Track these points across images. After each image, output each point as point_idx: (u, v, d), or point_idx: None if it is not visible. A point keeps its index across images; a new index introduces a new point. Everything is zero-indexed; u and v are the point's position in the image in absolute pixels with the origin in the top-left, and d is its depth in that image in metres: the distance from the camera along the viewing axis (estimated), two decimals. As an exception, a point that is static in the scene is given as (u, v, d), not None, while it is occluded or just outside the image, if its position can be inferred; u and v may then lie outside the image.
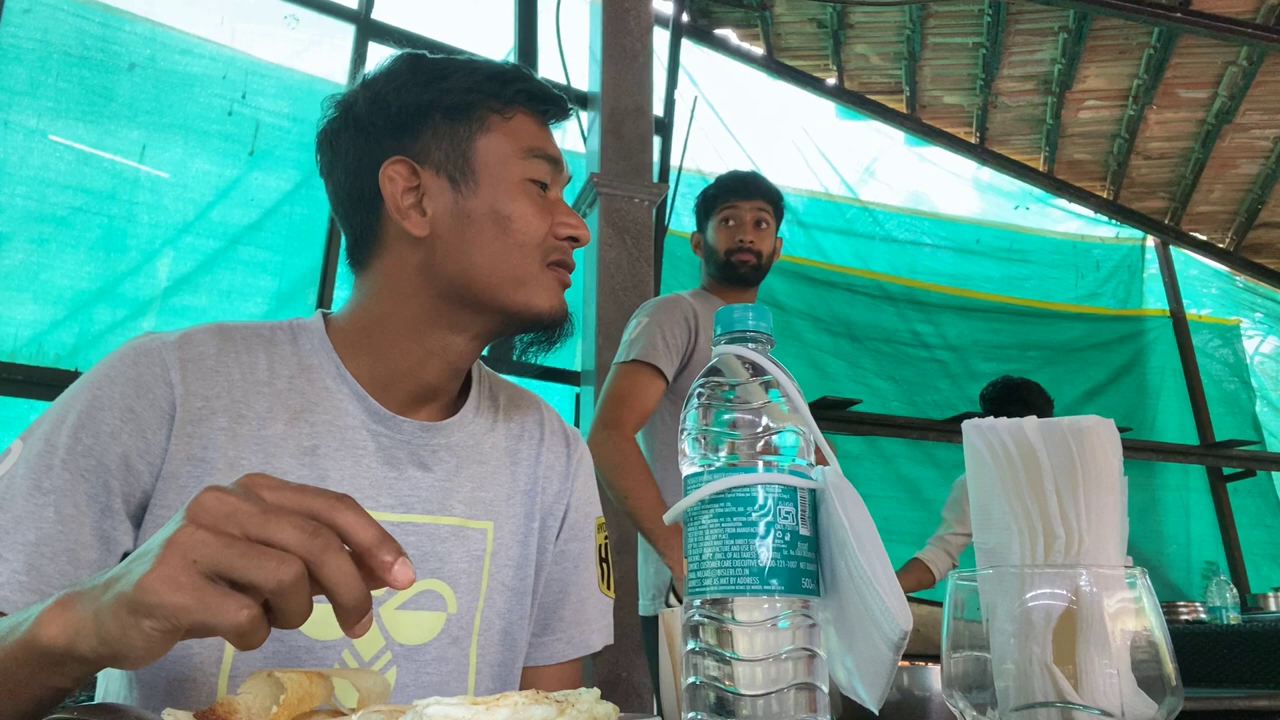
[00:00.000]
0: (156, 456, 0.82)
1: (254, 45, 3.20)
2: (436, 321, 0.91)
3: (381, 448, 0.90)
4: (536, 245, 0.90)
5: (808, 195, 4.67)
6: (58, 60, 2.82)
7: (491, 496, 0.96)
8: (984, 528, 0.59)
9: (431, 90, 0.91)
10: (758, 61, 4.88)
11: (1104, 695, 0.49)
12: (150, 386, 0.83)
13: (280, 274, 3.12)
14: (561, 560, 1.03)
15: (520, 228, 0.90)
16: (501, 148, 0.91)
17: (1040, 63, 4.82)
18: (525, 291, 0.90)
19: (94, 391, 0.82)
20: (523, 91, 0.93)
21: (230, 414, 0.85)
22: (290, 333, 0.93)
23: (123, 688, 0.84)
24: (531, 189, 0.91)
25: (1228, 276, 5.61)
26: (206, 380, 0.85)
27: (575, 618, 1.03)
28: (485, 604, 0.93)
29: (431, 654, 0.89)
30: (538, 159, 0.92)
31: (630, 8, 3.65)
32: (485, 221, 0.89)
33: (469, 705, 0.49)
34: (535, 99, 0.94)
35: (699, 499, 0.58)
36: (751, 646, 0.55)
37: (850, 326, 4.53)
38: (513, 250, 0.89)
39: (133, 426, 0.81)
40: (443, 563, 0.90)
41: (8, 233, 2.68)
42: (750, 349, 0.62)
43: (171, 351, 0.85)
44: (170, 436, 0.82)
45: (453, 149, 0.90)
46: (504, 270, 0.89)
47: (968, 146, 5.20)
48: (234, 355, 0.88)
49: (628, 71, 3.59)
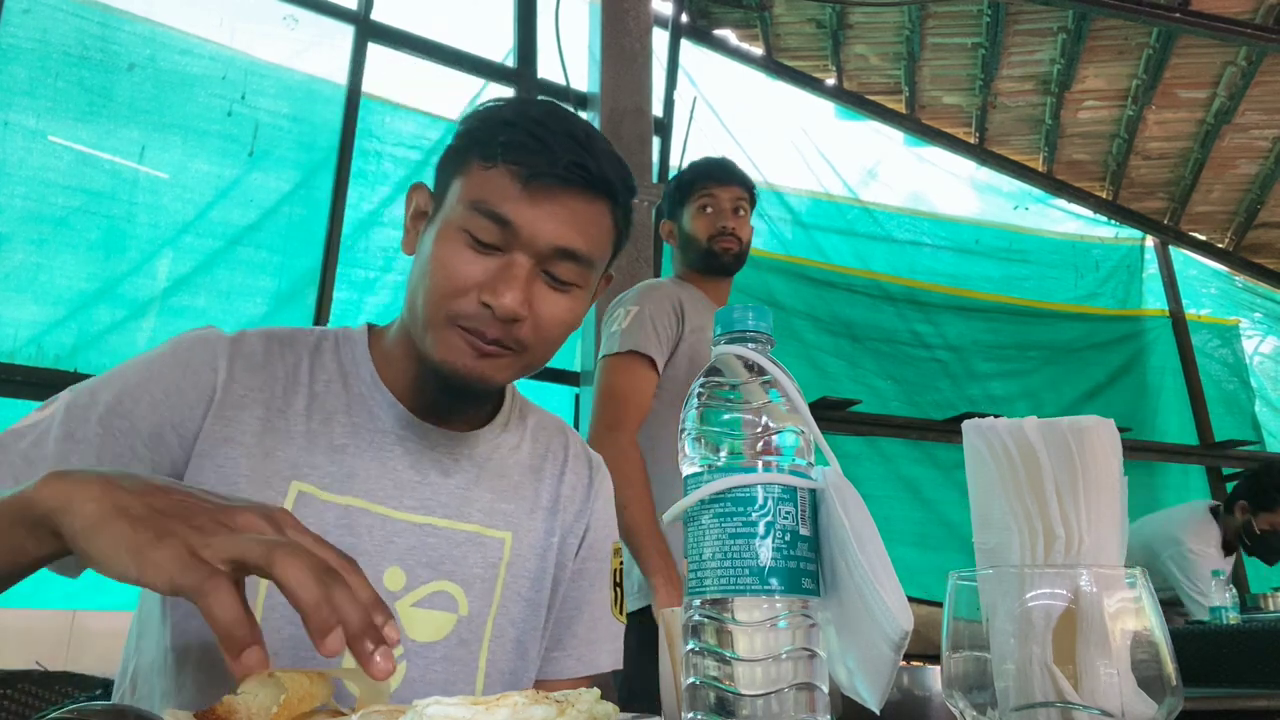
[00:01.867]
0: (190, 433, 0.87)
1: (253, 45, 3.19)
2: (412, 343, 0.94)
3: (408, 452, 0.94)
4: (445, 297, 0.87)
5: (808, 195, 4.68)
6: (57, 60, 2.82)
7: (512, 509, 1.00)
8: (984, 528, 0.59)
9: (464, 128, 0.94)
10: (757, 62, 4.88)
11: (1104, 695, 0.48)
12: (198, 369, 0.89)
13: (279, 274, 3.12)
14: (579, 579, 1.06)
15: (433, 271, 0.88)
16: (459, 192, 0.90)
17: (1039, 63, 4.82)
18: (429, 339, 0.89)
19: (147, 366, 0.88)
20: (503, 144, 0.88)
21: (268, 407, 0.90)
22: (335, 341, 0.99)
23: (158, 656, 0.86)
24: (461, 240, 0.88)
25: (1227, 276, 5.62)
26: (251, 374, 0.91)
27: (587, 636, 1.06)
28: (499, 611, 0.96)
29: (440, 653, 0.91)
30: (480, 214, 0.87)
31: (629, 8, 3.65)
32: (422, 258, 0.91)
33: (469, 705, 0.49)
34: (514, 152, 0.87)
35: (699, 499, 0.58)
36: (751, 646, 0.55)
37: (850, 326, 4.53)
38: (425, 294, 0.88)
39: (174, 401, 0.87)
40: (457, 566, 0.94)
41: (7, 233, 2.68)
42: (750, 349, 0.62)
43: (225, 343, 0.92)
44: (206, 416, 0.87)
45: (442, 185, 0.94)
46: (419, 312, 0.90)
47: (967, 147, 5.20)
48: (280, 357, 0.94)
49: (627, 72, 3.59)
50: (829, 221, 4.69)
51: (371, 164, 3.40)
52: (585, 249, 0.90)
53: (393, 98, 3.50)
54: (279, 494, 0.87)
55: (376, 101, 3.44)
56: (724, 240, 2.20)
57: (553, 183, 0.87)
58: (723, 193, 2.23)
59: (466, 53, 3.67)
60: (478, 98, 3.69)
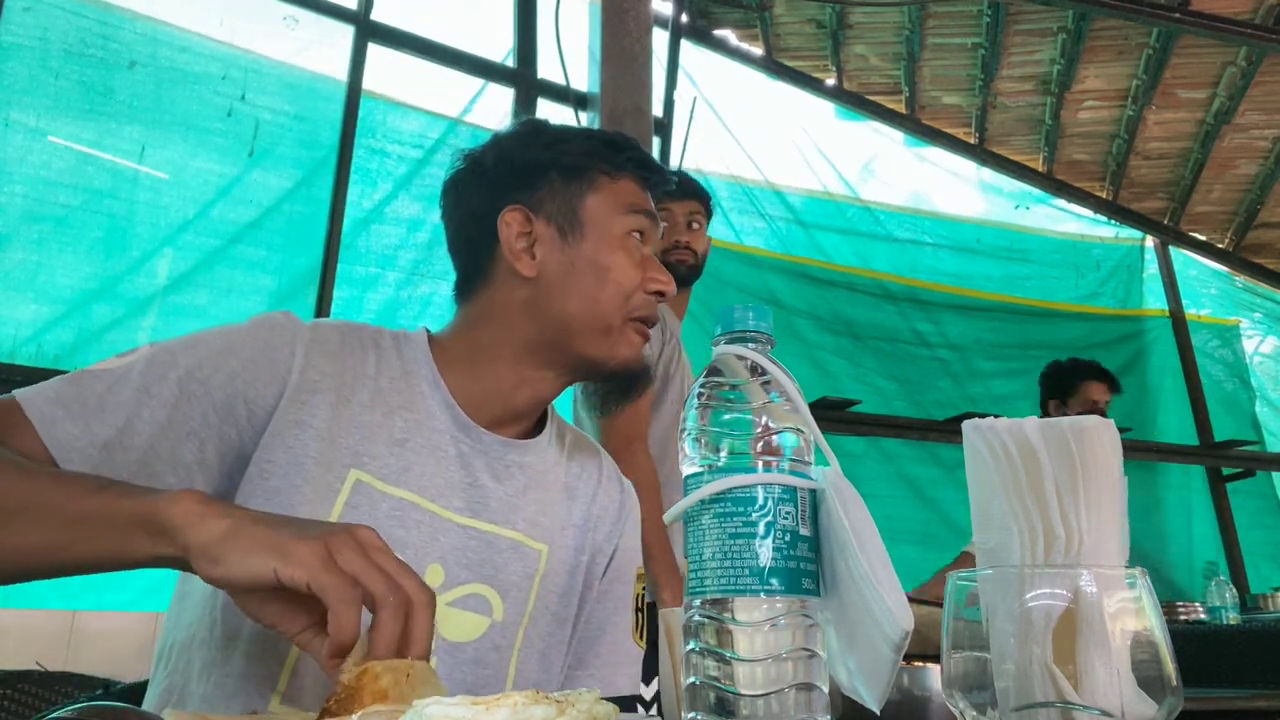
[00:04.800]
0: (262, 410, 0.89)
1: (254, 43, 3.19)
2: (534, 355, 1.00)
3: (461, 454, 0.98)
4: (627, 296, 0.99)
5: (808, 194, 4.67)
6: (57, 58, 2.82)
7: (550, 523, 1.02)
8: (984, 528, 0.59)
9: (552, 151, 1.02)
10: (757, 62, 4.88)
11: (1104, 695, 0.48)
12: (278, 349, 0.92)
13: (280, 273, 3.12)
14: (604, 599, 1.07)
15: (616, 277, 0.99)
16: (607, 204, 1.01)
17: (1039, 63, 4.82)
18: (609, 341, 0.99)
19: (229, 338, 0.91)
20: (631, 159, 1.03)
21: (338, 394, 0.93)
22: (395, 340, 1.03)
23: (202, 628, 0.87)
24: (630, 242, 1.01)
25: (1227, 276, 5.61)
26: (325, 361, 0.94)
27: (609, 658, 1.07)
28: (530, 622, 0.98)
29: (470, 654, 0.93)
30: (638, 214, 1.02)
31: (629, 8, 3.65)
32: (586, 270, 0.99)
33: (469, 705, 0.49)
34: (642, 166, 1.04)
35: (699, 499, 0.58)
36: (751, 646, 0.55)
37: (851, 325, 4.52)
38: (605, 299, 0.98)
39: (250, 375, 0.89)
40: (497, 571, 0.96)
41: (6, 232, 2.68)
42: (750, 349, 0.62)
43: (304, 330, 0.95)
44: (281, 397, 0.90)
45: (565, 203, 1.01)
46: (595, 318, 0.98)
47: (967, 147, 5.20)
48: (350, 349, 0.98)
49: (627, 72, 3.59)
50: (829, 220, 4.68)
51: (373, 162, 3.40)
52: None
53: (394, 96, 3.50)
54: (338, 479, 0.90)
55: (377, 99, 3.44)
56: (678, 253, 2.28)
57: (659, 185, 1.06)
58: (677, 207, 2.30)
59: (466, 53, 3.67)
60: (478, 97, 3.69)
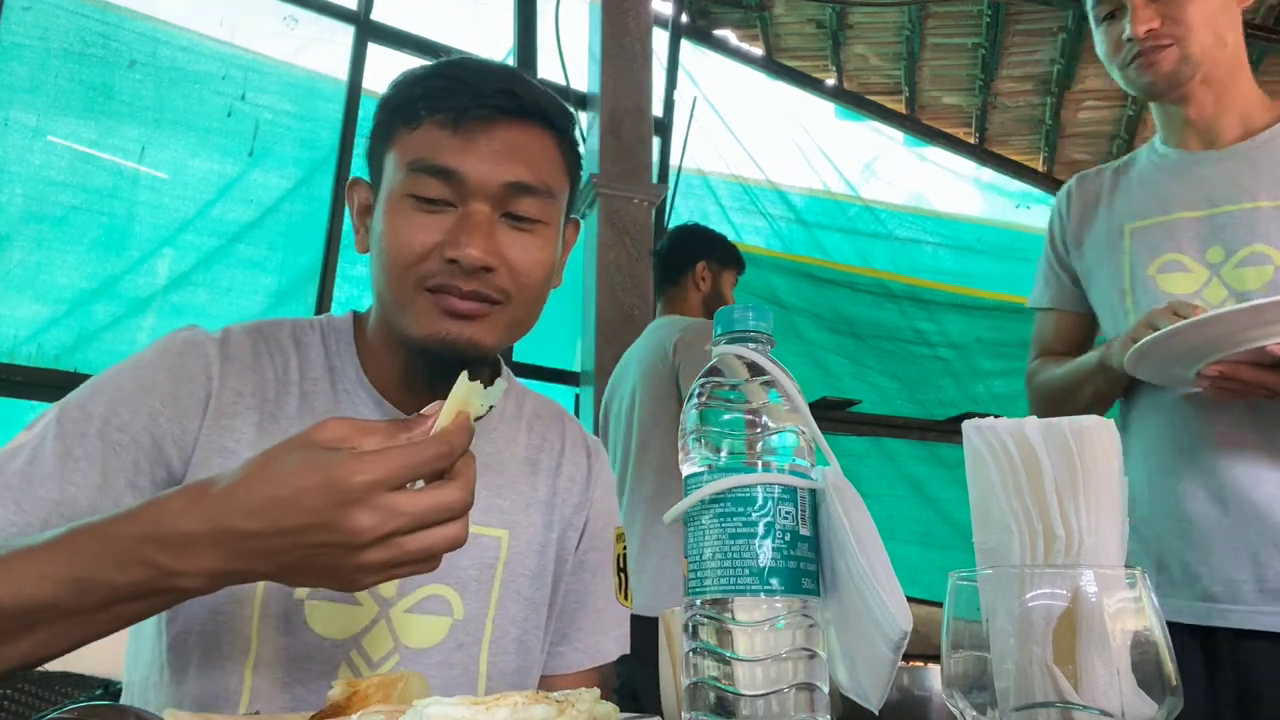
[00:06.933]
0: (188, 443, 0.84)
1: (254, 42, 3.19)
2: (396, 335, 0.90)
3: None
4: (406, 267, 0.84)
5: (808, 193, 4.67)
6: (57, 58, 2.82)
7: (508, 505, 0.96)
8: (984, 528, 0.59)
9: (380, 109, 0.90)
10: (757, 62, 4.88)
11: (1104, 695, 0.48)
12: (194, 377, 0.86)
13: (280, 272, 3.12)
14: (580, 570, 1.03)
15: (387, 247, 0.85)
16: (393, 163, 0.86)
17: (1039, 63, 4.82)
18: (406, 317, 0.86)
19: (140, 375, 0.84)
20: (421, 97, 0.85)
21: (261, 411, 0.88)
22: (320, 333, 0.95)
23: (152, 669, 0.85)
24: (407, 205, 0.84)
25: (1227, 276, 5.61)
26: (242, 377, 0.88)
27: (592, 627, 1.03)
28: (497, 611, 0.93)
29: (436, 658, 0.89)
30: (420, 172, 0.84)
31: (629, 8, 3.65)
32: (378, 243, 0.87)
33: (469, 705, 0.49)
34: (436, 100, 0.84)
35: (699, 499, 0.58)
36: (751, 646, 0.55)
37: (852, 324, 4.52)
38: (389, 272, 0.85)
39: (172, 411, 0.84)
40: (450, 568, 0.90)
41: (6, 232, 2.68)
42: (750, 349, 0.61)
43: (214, 346, 0.88)
44: (202, 426, 0.84)
45: (376, 169, 0.90)
46: (388, 290, 0.86)
47: (967, 147, 5.20)
48: (268, 356, 0.91)
49: (627, 72, 3.59)
50: (830, 219, 4.69)
51: (373, 161, 3.40)
52: (536, 179, 0.86)
53: (393, 96, 3.50)
54: None
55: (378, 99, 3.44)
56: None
57: (484, 116, 0.84)
58: None
59: (467, 53, 3.67)
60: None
